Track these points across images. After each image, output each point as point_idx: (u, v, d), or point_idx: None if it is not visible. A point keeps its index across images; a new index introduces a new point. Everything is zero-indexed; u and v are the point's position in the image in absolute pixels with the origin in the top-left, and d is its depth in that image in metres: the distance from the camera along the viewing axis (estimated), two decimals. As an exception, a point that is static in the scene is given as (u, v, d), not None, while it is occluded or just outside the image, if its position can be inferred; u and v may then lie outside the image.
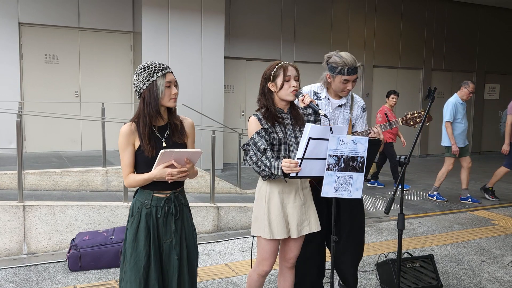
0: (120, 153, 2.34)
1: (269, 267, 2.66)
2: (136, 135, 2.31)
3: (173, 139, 2.39)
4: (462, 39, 12.85)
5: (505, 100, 13.79)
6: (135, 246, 2.31)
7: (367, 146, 2.41)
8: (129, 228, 2.36)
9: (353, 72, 2.91)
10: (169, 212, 2.37)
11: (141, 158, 2.32)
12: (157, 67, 2.31)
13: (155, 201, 2.35)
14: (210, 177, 5.53)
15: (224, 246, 4.79)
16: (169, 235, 2.37)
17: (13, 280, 3.83)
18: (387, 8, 11.67)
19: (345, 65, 2.88)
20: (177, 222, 2.40)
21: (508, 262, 4.40)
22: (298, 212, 2.59)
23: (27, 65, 8.16)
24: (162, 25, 8.36)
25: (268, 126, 2.54)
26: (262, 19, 10.06)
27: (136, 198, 2.40)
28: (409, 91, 12.30)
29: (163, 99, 2.32)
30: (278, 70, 2.55)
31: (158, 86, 2.29)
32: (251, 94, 10.10)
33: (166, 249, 2.37)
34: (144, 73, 2.30)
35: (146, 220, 2.33)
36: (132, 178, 2.33)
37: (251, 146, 2.49)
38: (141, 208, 2.35)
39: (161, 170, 2.24)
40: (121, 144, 2.31)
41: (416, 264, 3.65)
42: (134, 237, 2.32)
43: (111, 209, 4.85)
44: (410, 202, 7.03)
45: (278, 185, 2.56)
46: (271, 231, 2.55)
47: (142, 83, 2.30)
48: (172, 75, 2.36)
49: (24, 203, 4.53)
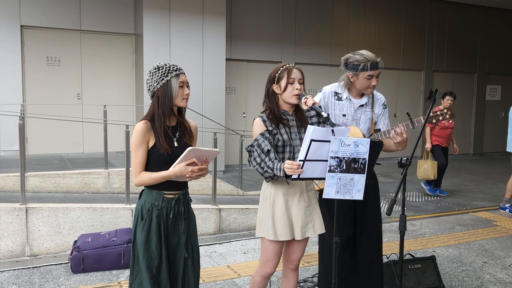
0: (133, 151, 2.33)
1: (273, 269, 2.66)
2: (151, 133, 2.33)
3: (184, 139, 2.43)
4: (464, 41, 12.85)
5: (507, 101, 13.80)
6: (147, 247, 2.33)
7: (368, 147, 2.42)
8: (139, 230, 2.35)
9: (376, 67, 2.91)
10: (178, 212, 2.41)
11: (154, 156, 2.34)
12: (171, 67, 2.36)
13: (166, 202, 2.38)
14: (212, 179, 5.54)
15: (226, 247, 4.80)
16: (177, 234, 2.41)
17: (16, 282, 3.84)
18: (388, 10, 11.68)
19: (367, 61, 2.88)
20: (185, 222, 2.44)
21: (510, 263, 4.40)
22: (302, 214, 2.60)
23: (29, 67, 8.18)
24: (164, 27, 8.38)
25: (273, 127, 2.55)
26: (263, 21, 10.08)
27: (144, 199, 2.40)
28: (410, 93, 12.30)
29: (176, 99, 2.36)
30: (282, 73, 2.56)
31: (172, 85, 2.33)
32: (253, 95, 10.11)
33: (173, 248, 2.41)
34: (158, 73, 2.34)
35: (157, 221, 2.35)
36: (147, 176, 2.32)
37: (255, 147, 2.51)
38: (151, 210, 2.36)
39: (182, 168, 2.27)
40: (135, 141, 2.31)
41: (418, 266, 3.64)
42: (146, 238, 2.33)
43: (114, 211, 4.86)
44: (412, 203, 7.03)
45: (282, 187, 2.57)
46: (275, 233, 2.56)
47: (156, 82, 2.34)
48: (185, 76, 2.41)
49: (27, 205, 4.55)
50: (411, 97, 12.29)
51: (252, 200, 6.29)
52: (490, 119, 13.58)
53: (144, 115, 2.40)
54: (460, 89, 13.05)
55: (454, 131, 7.48)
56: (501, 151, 13.84)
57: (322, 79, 10.08)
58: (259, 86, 10.10)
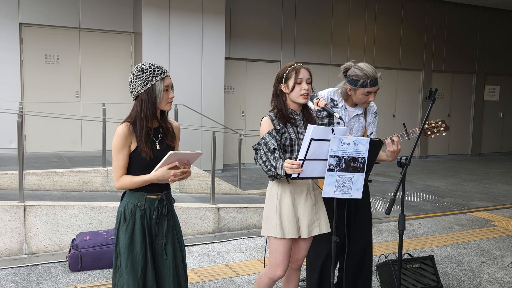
0: (114, 154, 2.28)
1: (283, 272, 2.61)
2: (133, 137, 2.29)
3: (166, 141, 2.39)
4: (462, 41, 12.87)
5: (505, 101, 13.83)
6: (131, 249, 2.29)
7: (368, 147, 2.42)
8: (122, 232, 2.31)
9: (375, 84, 2.89)
10: (161, 212, 2.38)
11: (136, 160, 2.30)
12: (156, 70, 2.29)
13: (149, 203, 2.34)
14: (210, 178, 5.53)
15: (225, 246, 4.80)
16: (161, 236, 2.37)
17: (14, 280, 3.83)
18: (387, 9, 11.68)
19: (367, 78, 2.86)
20: (169, 222, 2.41)
21: (508, 263, 4.41)
22: (309, 212, 2.59)
23: (28, 65, 8.16)
24: (163, 25, 8.37)
25: (280, 127, 2.55)
26: (263, 20, 10.07)
27: (126, 200, 2.36)
28: (409, 93, 12.31)
29: (160, 103, 2.32)
30: (290, 72, 2.55)
31: (157, 90, 2.28)
32: (252, 95, 10.11)
33: (158, 249, 2.37)
34: (142, 76, 2.27)
35: (141, 222, 2.32)
36: (129, 180, 2.28)
37: (262, 145, 2.50)
38: (134, 211, 2.32)
39: (165, 172, 2.24)
40: (117, 145, 2.26)
41: (416, 265, 3.65)
42: (130, 240, 2.29)
43: (112, 209, 4.85)
44: (411, 203, 7.04)
45: (289, 184, 2.56)
46: (282, 230, 2.54)
47: (140, 86, 2.28)
48: (170, 79, 2.35)
49: (25, 203, 4.54)
50: (410, 96, 12.30)
51: (250, 199, 6.29)
52: (488, 119, 13.60)
53: (126, 117, 2.34)
54: (458, 89, 13.09)
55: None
56: (499, 151, 13.88)
57: (321, 79, 10.07)
58: (258, 85, 10.10)
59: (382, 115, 11.31)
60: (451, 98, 12.94)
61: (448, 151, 13.02)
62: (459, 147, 13.23)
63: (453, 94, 13.00)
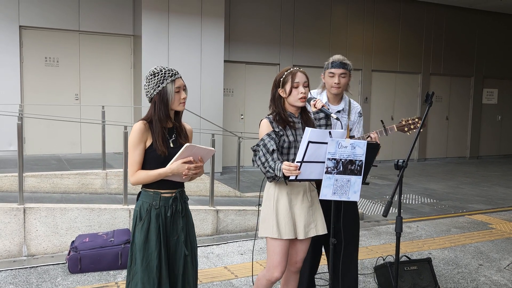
0: (131, 150, 2.36)
1: (280, 274, 2.63)
2: (149, 134, 2.37)
3: (180, 141, 2.46)
4: (461, 44, 12.92)
5: (503, 104, 13.87)
6: (146, 247, 2.35)
7: (365, 149, 2.45)
8: (138, 230, 2.38)
9: (338, 66, 3.09)
10: (176, 210, 2.43)
11: (151, 156, 2.37)
12: (167, 73, 2.37)
13: (163, 201, 2.40)
14: (209, 180, 5.55)
15: (223, 249, 4.81)
16: (176, 233, 2.43)
17: (13, 282, 3.85)
18: (386, 13, 11.73)
19: (332, 61, 3.12)
20: (183, 220, 2.46)
21: (505, 265, 4.43)
22: (305, 214, 2.62)
23: (28, 68, 8.19)
24: (162, 28, 8.40)
25: (279, 129, 2.59)
26: (262, 23, 10.11)
27: (141, 200, 2.43)
28: (408, 96, 12.34)
29: (173, 104, 2.39)
30: (287, 77, 2.60)
31: (168, 92, 2.36)
32: (251, 97, 10.13)
33: (172, 246, 2.43)
34: (154, 80, 2.36)
35: (156, 221, 2.38)
36: (144, 174, 2.35)
37: (260, 147, 2.53)
38: (150, 210, 2.38)
39: (180, 165, 2.31)
40: (133, 140, 2.34)
41: (414, 267, 3.67)
42: (145, 238, 2.36)
43: (111, 211, 4.87)
44: (408, 206, 7.06)
45: (286, 186, 2.59)
46: (279, 231, 2.57)
47: (152, 89, 2.37)
48: (181, 80, 2.43)
49: (25, 205, 4.55)
50: (408, 100, 12.33)
51: (249, 201, 6.31)
52: (486, 123, 13.64)
53: (143, 117, 2.43)
54: (457, 92, 13.13)
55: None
56: (497, 154, 13.92)
57: (320, 82, 10.07)
58: (257, 88, 10.12)
59: (381, 117, 11.33)
60: (450, 101, 12.99)
61: (446, 154, 13.05)
62: (457, 150, 13.26)
63: (451, 97, 13.04)
